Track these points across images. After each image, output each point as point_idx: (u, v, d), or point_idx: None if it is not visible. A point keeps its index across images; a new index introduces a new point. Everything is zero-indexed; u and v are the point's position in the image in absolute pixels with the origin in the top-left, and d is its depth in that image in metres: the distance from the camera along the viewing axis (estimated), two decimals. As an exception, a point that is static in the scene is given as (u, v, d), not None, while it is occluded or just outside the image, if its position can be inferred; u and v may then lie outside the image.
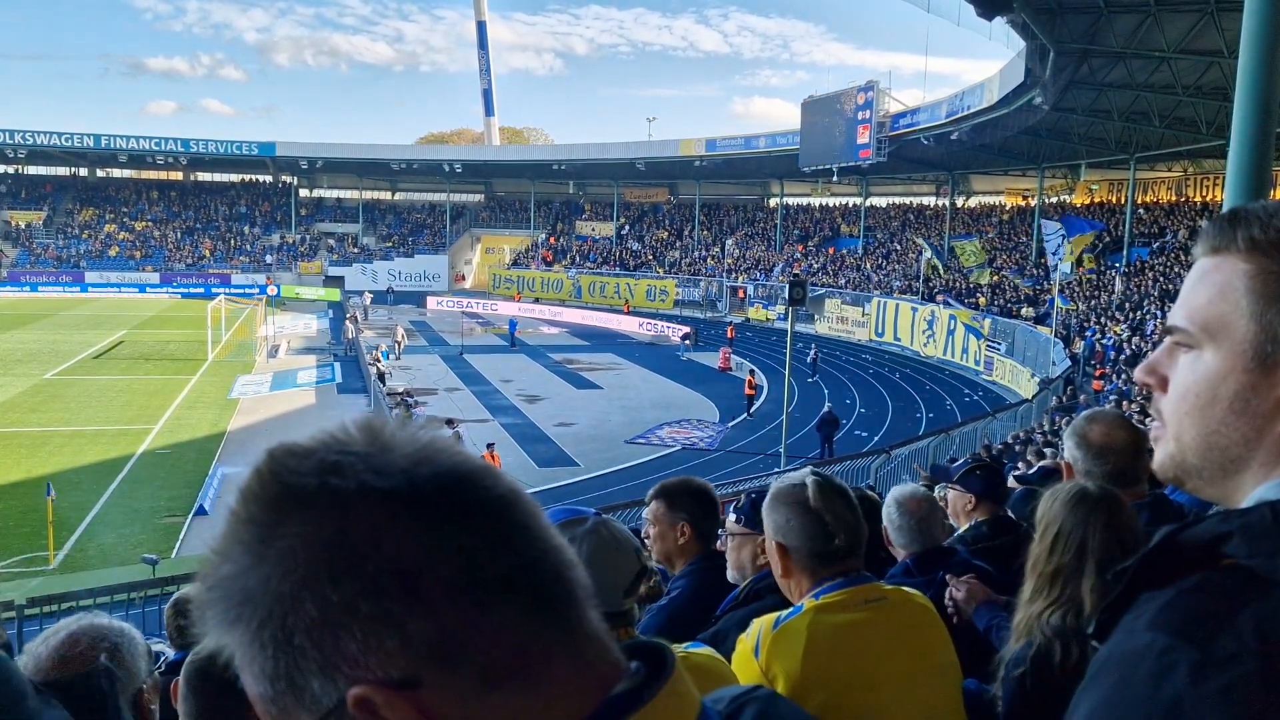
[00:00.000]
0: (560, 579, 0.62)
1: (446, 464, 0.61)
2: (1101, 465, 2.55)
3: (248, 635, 0.58)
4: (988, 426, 20.91)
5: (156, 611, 8.33)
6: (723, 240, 56.27)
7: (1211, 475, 0.76)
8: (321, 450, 0.61)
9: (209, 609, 0.60)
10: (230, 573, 0.59)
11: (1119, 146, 35.34)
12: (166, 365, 32.38)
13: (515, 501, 0.63)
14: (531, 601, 0.60)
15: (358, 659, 0.56)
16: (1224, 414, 0.74)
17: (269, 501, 0.59)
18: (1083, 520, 2.20)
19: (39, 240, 62.53)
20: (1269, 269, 0.73)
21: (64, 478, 17.85)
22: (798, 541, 2.02)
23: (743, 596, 2.50)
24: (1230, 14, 19.03)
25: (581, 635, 0.63)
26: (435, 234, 66.35)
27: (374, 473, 0.59)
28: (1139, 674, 0.60)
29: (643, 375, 33.18)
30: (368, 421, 0.64)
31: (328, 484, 0.58)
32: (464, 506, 0.60)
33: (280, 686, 0.58)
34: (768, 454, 21.57)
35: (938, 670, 2.10)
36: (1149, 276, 31.94)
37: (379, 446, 0.61)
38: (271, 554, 0.57)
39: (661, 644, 0.69)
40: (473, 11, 77.87)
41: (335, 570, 0.56)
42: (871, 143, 41.97)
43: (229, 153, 62.06)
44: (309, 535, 0.57)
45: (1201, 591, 0.63)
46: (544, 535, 0.63)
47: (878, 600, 2.02)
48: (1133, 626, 0.64)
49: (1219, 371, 0.75)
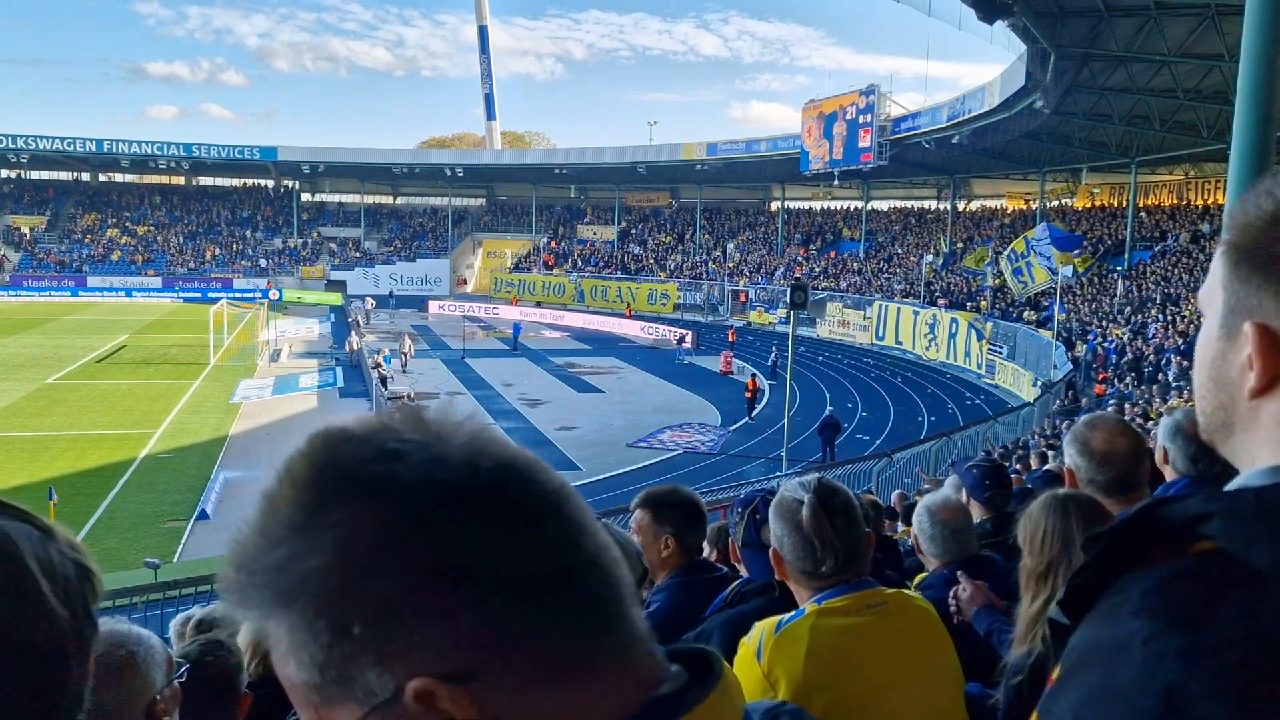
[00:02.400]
0: (611, 577, 0.62)
1: (504, 457, 0.61)
2: (1105, 473, 2.54)
3: (300, 622, 0.56)
4: (989, 430, 20.89)
5: (159, 616, 8.33)
6: (724, 244, 56.32)
7: (1215, 436, 0.79)
8: (378, 437, 0.60)
9: (252, 592, 0.58)
10: (281, 558, 0.57)
11: (1120, 150, 35.34)
12: (168, 370, 32.40)
13: (569, 496, 0.63)
14: (585, 598, 0.60)
15: (417, 651, 0.56)
16: (1206, 379, 0.78)
17: (326, 487, 0.58)
18: (1063, 518, 2.28)
19: (41, 245, 62.64)
20: (1235, 240, 0.75)
21: (66, 482, 17.87)
22: (790, 556, 2.05)
23: (730, 599, 2.51)
24: (1231, 18, 19.04)
25: (628, 635, 0.62)
26: (437, 238, 66.42)
27: (436, 463, 0.59)
28: (1128, 662, 0.60)
29: (644, 379, 33.19)
30: (414, 409, 0.63)
31: (393, 472, 0.58)
32: (523, 500, 0.60)
33: (330, 675, 0.57)
34: (769, 458, 21.56)
35: (940, 674, 2.10)
36: (1150, 280, 31.93)
37: (434, 435, 0.61)
38: (329, 541, 0.56)
39: (708, 650, 0.69)
40: (473, 16, 78.05)
41: (399, 561, 0.56)
42: (873, 146, 41.98)
43: (231, 157, 62.15)
44: (372, 524, 0.56)
45: (1185, 578, 0.63)
46: (596, 532, 0.63)
47: (880, 605, 2.03)
48: (1115, 612, 0.63)
49: (1204, 339, 0.78)
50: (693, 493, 2.92)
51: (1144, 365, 23.55)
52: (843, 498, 2.08)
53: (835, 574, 2.03)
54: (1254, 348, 0.72)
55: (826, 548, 2.01)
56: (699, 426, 25.59)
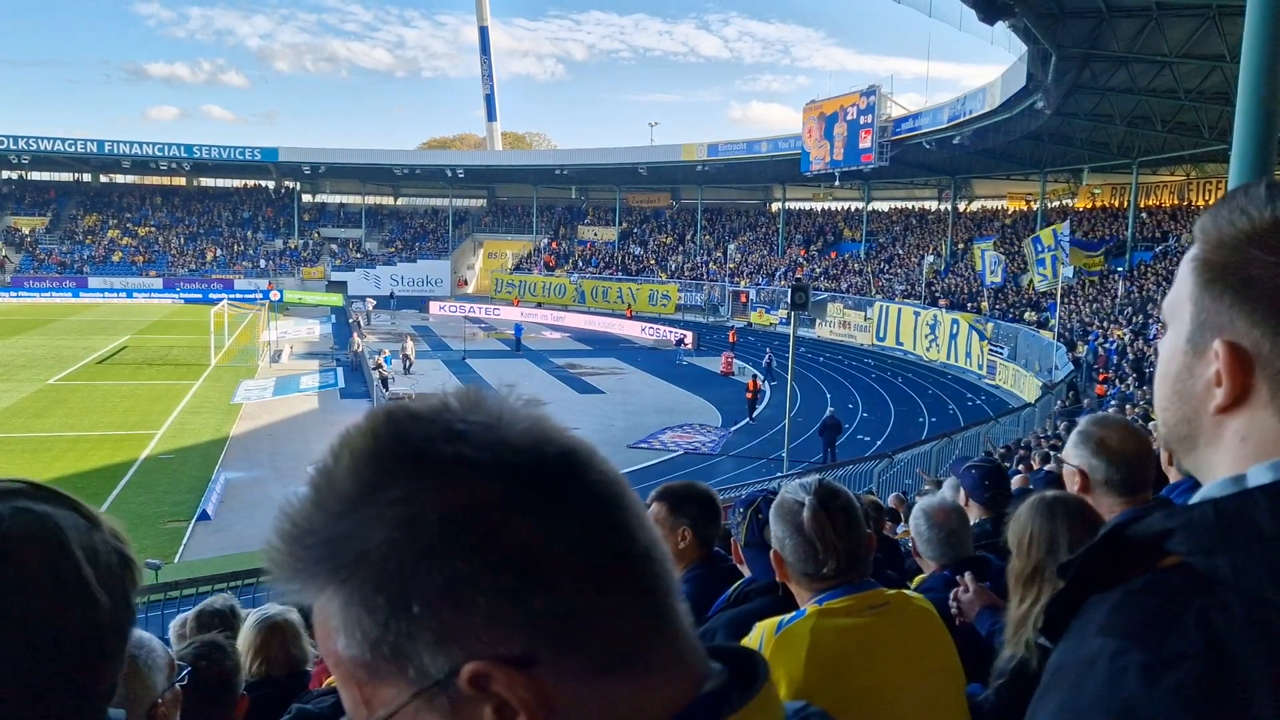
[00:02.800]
0: (663, 569, 0.62)
1: (566, 444, 0.61)
2: (1121, 472, 2.50)
3: (356, 597, 0.56)
4: (990, 431, 20.88)
5: (159, 617, 8.34)
6: (725, 245, 56.33)
7: (1179, 448, 0.78)
8: (443, 417, 0.60)
9: (307, 565, 0.57)
10: (343, 531, 0.56)
11: (1121, 151, 35.34)
12: (170, 370, 32.40)
13: (626, 487, 0.63)
14: (642, 589, 0.60)
15: (477, 633, 0.55)
16: (1170, 392, 0.77)
17: (392, 462, 0.57)
18: (1049, 520, 2.28)
19: (42, 246, 62.66)
20: (1207, 257, 0.74)
21: (67, 483, 17.70)
22: (792, 558, 2.06)
23: (733, 598, 2.52)
24: (1232, 18, 19.04)
25: (679, 629, 0.62)
26: (438, 239, 66.43)
27: (504, 445, 0.59)
28: (1092, 679, 0.60)
29: (645, 380, 33.19)
30: (471, 391, 0.63)
31: (461, 453, 0.57)
32: (587, 486, 0.60)
33: (383, 652, 0.56)
34: (770, 458, 21.56)
35: (942, 675, 2.10)
36: (1151, 280, 31.93)
37: (497, 418, 0.61)
38: (392, 517, 0.56)
39: (751, 650, 0.68)
40: (474, 17, 78.08)
41: (465, 540, 0.55)
42: (874, 147, 41.98)
43: (232, 158, 62.16)
44: (439, 502, 0.56)
45: (1148, 592, 0.64)
46: (650, 524, 0.63)
47: (881, 606, 2.03)
48: (1084, 630, 0.64)
49: (1169, 352, 0.78)
50: (708, 487, 2.96)
51: (1145, 366, 23.54)
52: (844, 499, 2.08)
53: (836, 576, 2.03)
54: (1224, 365, 0.72)
55: (828, 550, 2.01)
56: (700, 427, 25.59)
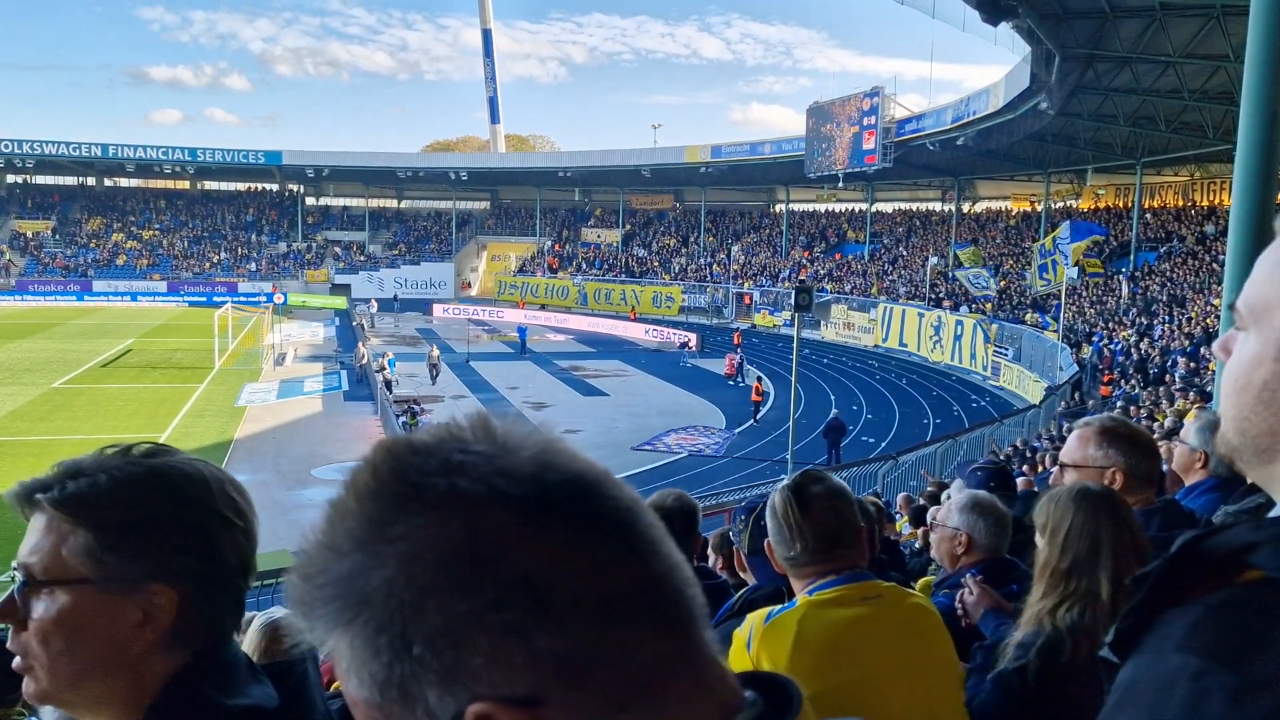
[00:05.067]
0: (683, 596, 0.59)
1: (574, 469, 0.58)
2: (1146, 463, 2.48)
3: (361, 639, 0.55)
4: (995, 432, 20.86)
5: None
6: (728, 246, 56.31)
7: (1249, 459, 0.72)
8: (444, 448, 0.57)
9: (318, 606, 0.56)
10: (346, 571, 0.55)
11: (1125, 151, 35.28)
12: (174, 373, 32.44)
13: (641, 512, 0.59)
14: (659, 619, 0.57)
15: (481, 673, 0.53)
16: (1253, 402, 0.70)
17: (391, 499, 0.56)
18: (1091, 516, 2.19)
19: (47, 249, 62.78)
20: None
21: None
22: (775, 544, 2.12)
23: (737, 608, 2.51)
24: (1236, 18, 19.00)
25: (703, 657, 0.59)
26: (441, 241, 66.48)
27: (503, 476, 0.56)
28: (1173, 700, 0.57)
29: (649, 382, 33.18)
30: (483, 418, 0.61)
31: (456, 486, 0.55)
32: (593, 515, 0.57)
33: (391, 694, 0.55)
34: (774, 460, 21.54)
35: (937, 668, 2.10)
36: (1156, 281, 31.86)
37: (501, 446, 0.58)
38: (392, 556, 0.54)
39: (785, 678, 0.66)
40: (476, 20, 78.21)
41: (463, 578, 0.53)
42: (877, 148, 41.94)
43: (235, 161, 62.23)
44: (437, 540, 0.54)
45: (1232, 609, 0.60)
46: (668, 549, 0.60)
47: (874, 598, 2.04)
48: (1160, 647, 0.61)
49: (1255, 356, 0.70)
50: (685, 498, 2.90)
51: (1150, 367, 23.49)
52: (823, 485, 2.10)
53: (812, 560, 2.04)
54: None
55: (794, 531, 2.05)
56: (704, 429, 25.57)
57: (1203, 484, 2.73)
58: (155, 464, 1.06)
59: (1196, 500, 2.67)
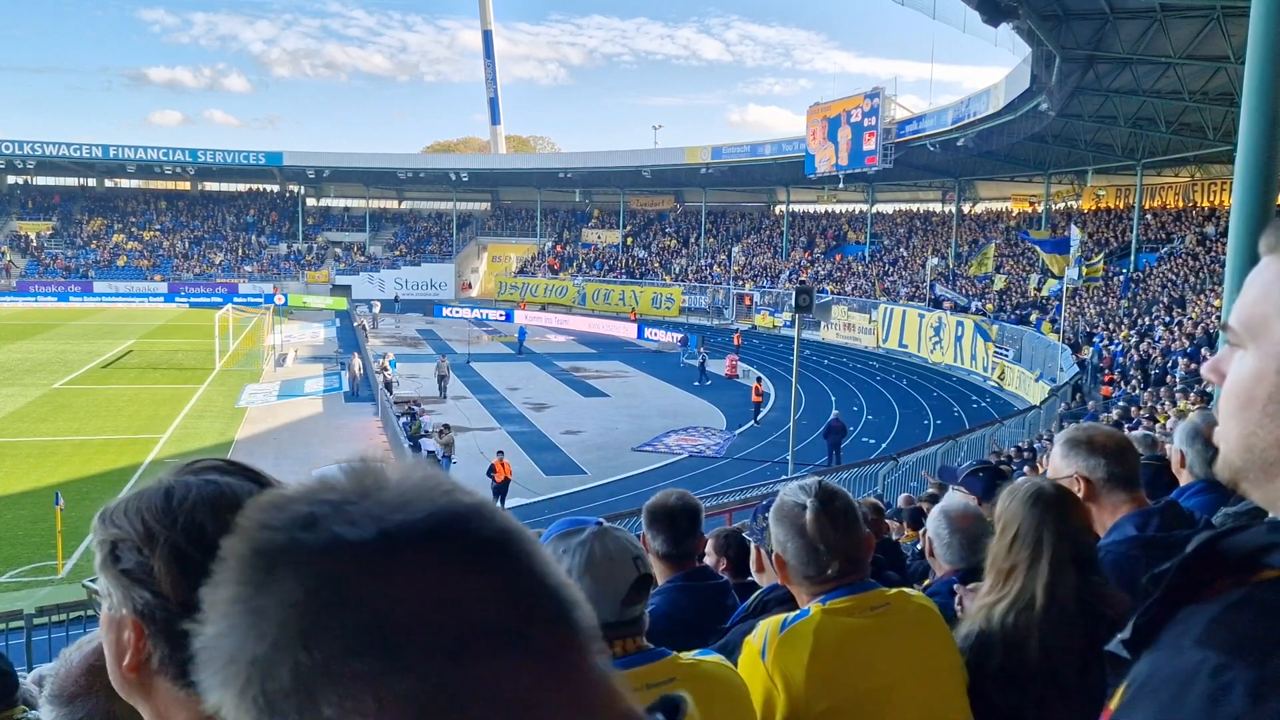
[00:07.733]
0: (562, 622, 0.57)
1: (430, 507, 0.56)
2: (1123, 466, 2.49)
3: (232, 698, 0.55)
4: (996, 433, 20.84)
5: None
6: (729, 247, 56.30)
7: (1255, 478, 0.72)
8: (299, 502, 0.57)
9: (202, 669, 0.57)
10: (213, 634, 0.56)
11: (1126, 152, 35.27)
12: (174, 375, 32.46)
13: (507, 542, 0.57)
14: (529, 650, 0.55)
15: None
16: (1259, 416, 0.70)
17: (240, 561, 0.56)
18: (1039, 518, 2.21)
19: (48, 250, 62.83)
20: None
21: (72, 487, 17.88)
22: (794, 561, 2.06)
23: (752, 608, 2.50)
24: (1237, 19, 19.00)
25: (586, 683, 0.57)
26: (442, 242, 66.49)
27: (347, 523, 0.55)
28: (1191, 694, 0.57)
29: (649, 383, 33.17)
30: (361, 464, 0.60)
31: (295, 539, 0.55)
32: (448, 553, 0.55)
33: None
34: (775, 461, 21.54)
35: (944, 673, 2.11)
36: (1156, 282, 31.84)
37: (360, 492, 0.57)
38: (240, 615, 0.55)
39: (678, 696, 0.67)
40: (476, 22, 78.29)
41: (306, 632, 0.53)
42: (878, 149, 41.95)
43: (236, 163, 62.26)
44: (281, 596, 0.54)
45: (1251, 606, 0.61)
46: (541, 576, 0.58)
47: (882, 606, 2.04)
48: (1178, 643, 0.61)
49: (1256, 372, 0.70)
50: (686, 499, 2.90)
51: (1150, 368, 23.47)
52: (843, 501, 2.09)
53: (838, 578, 2.04)
54: None
55: (831, 552, 2.02)
56: (704, 430, 25.57)
57: (1192, 486, 2.73)
58: None
59: (1188, 502, 2.68)
